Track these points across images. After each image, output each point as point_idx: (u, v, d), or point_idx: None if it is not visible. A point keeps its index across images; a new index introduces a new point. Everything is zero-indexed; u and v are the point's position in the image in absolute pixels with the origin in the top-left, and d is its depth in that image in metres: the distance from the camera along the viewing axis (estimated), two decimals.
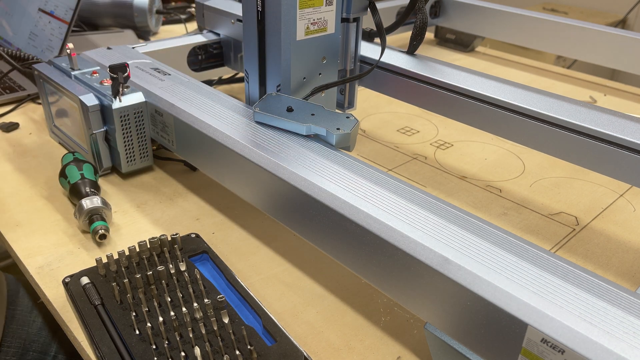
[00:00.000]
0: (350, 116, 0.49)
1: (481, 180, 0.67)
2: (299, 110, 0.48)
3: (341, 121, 0.48)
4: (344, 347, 0.43)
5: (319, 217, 0.42)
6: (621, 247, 0.55)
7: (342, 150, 0.47)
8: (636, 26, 2.08)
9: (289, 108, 0.48)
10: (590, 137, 0.47)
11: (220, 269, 0.47)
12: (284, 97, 0.50)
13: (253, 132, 0.49)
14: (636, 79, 0.96)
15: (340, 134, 0.46)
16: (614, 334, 0.29)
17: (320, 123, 0.47)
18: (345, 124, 0.47)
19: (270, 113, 0.48)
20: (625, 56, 0.85)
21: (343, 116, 0.49)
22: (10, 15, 0.97)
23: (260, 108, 0.49)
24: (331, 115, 0.48)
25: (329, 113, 0.48)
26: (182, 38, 0.82)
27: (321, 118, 0.48)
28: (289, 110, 0.48)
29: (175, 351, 0.39)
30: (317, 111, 0.48)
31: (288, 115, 0.48)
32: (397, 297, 0.39)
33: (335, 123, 0.47)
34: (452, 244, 0.36)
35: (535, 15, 0.93)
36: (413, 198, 0.41)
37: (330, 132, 0.46)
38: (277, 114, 0.48)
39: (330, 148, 0.48)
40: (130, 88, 0.60)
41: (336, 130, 0.46)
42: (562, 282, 0.32)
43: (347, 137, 0.47)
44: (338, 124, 0.47)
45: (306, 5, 0.46)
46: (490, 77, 0.55)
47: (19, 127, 0.76)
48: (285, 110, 0.48)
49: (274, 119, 0.48)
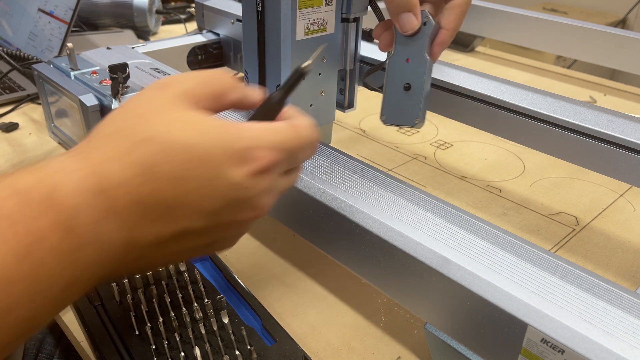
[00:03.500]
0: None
1: (481, 180, 0.67)
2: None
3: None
4: (344, 347, 0.43)
5: (319, 218, 0.42)
6: (621, 247, 0.55)
7: (341, 150, 0.47)
8: (636, 26, 2.08)
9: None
10: (590, 137, 0.47)
11: (220, 269, 0.47)
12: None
13: None
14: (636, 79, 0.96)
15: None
16: (614, 334, 0.29)
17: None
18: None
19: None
20: (625, 56, 0.85)
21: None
22: (10, 15, 0.97)
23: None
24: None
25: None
26: (181, 38, 0.82)
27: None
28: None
29: (175, 351, 0.39)
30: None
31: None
32: (397, 297, 0.39)
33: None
34: (452, 244, 0.36)
35: (535, 15, 0.93)
36: (413, 198, 0.41)
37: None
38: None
39: (330, 148, 0.48)
40: (130, 88, 0.60)
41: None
42: (562, 282, 0.32)
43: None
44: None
45: (306, 5, 0.46)
46: (490, 77, 0.55)
47: (18, 127, 0.76)
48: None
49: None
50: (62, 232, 0.25)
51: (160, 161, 0.28)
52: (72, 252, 0.26)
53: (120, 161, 0.28)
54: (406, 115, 0.46)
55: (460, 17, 0.45)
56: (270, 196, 0.32)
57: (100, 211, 0.27)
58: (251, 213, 0.31)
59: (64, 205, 0.26)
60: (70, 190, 0.26)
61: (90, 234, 0.26)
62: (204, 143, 0.28)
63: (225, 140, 0.29)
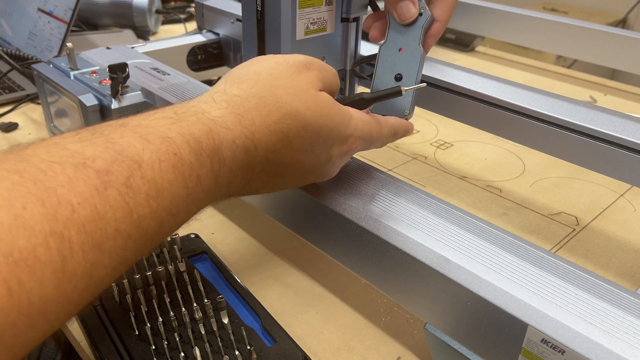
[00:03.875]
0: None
1: (481, 180, 0.67)
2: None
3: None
4: (344, 347, 0.43)
5: (319, 218, 0.42)
6: (621, 247, 0.55)
7: None
8: (636, 26, 2.08)
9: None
10: (590, 137, 0.47)
11: (220, 269, 0.47)
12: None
13: None
14: (636, 79, 0.96)
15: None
16: (614, 334, 0.29)
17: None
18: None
19: None
20: (625, 56, 0.85)
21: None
22: (10, 15, 0.97)
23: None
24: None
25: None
26: (181, 38, 0.81)
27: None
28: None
29: (174, 351, 0.39)
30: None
31: None
32: (397, 297, 0.39)
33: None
34: (452, 244, 0.35)
35: (535, 15, 0.93)
36: (413, 198, 0.40)
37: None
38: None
39: None
40: (130, 88, 0.60)
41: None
42: (562, 282, 0.32)
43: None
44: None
45: (306, 4, 0.46)
46: (490, 77, 0.55)
47: (18, 127, 0.76)
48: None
49: None
50: (212, 178, 0.31)
51: (298, 135, 0.35)
52: (213, 191, 0.32)
53: (269, 127, 0.34)
54: (395, 106, 0.46)
55: (452, 9, 0.47)
56: (338, 168, 0.41)
57: (242, 166, 0.33)
58: (319, 179, 0.40)
59: (220, 156, 0.32)
60: (228, 145, 0.32)
61: (227, 179, 0.33)
62: (331, 125, 0.36)
63: (340, 127, 0.37)
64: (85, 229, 0.24)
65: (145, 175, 0.27)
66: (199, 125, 0.31)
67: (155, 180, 0.28)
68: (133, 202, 0.26)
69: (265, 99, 0.34)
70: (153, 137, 0.29)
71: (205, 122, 0.32)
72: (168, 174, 0.28)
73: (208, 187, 0.31)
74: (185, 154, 0.29)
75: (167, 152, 0.29)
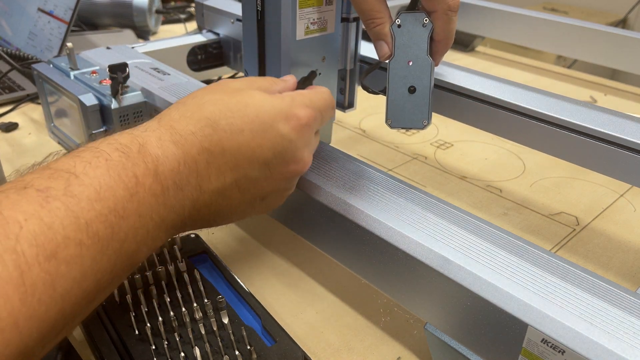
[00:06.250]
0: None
1: (481, 180, 0.67)
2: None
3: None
4: (344, 347, 0.43)
5: (319, 218, 0.42)
6: (622, 247, 0.55)
7: (341, 150, 0.47)
8: (636, 26, 2.08)
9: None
10: (591, 137, 0.47)
11: (220, 269, 0.47)
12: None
13: None
14: (636, 79, 0.95)
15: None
16: (614, 334, 0.29)
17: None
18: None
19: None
20: (625, 56, 0.85)
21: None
22: (10, 14, 0.97)
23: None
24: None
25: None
26: (181, 38, 0.81)
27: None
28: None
29: (174, 351, 0.39)
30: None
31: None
32: (397, 297, 0.39)
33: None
34: (452, 244, 0.35)
35: (535, 15, 0.93)
36: (413, 198, 0.40)
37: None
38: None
39: (330, 148, 0.48)
40: (130, 88, 0.60)
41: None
42: (562, 282, 0.32)
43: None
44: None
45: (306, 4, 0.46)
46: (490, 77, 0.55)
47: (18, 127, 0.76)
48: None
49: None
50: (152, 177, 0.31)
51: (223, 116, 0.35)
52: (160, 193, 0.32)
53: (191, 117, 0.35)
54: (413, 117, 0.46)
55: (449, 17, 0.45)
56: (309, 151, 0.39)
57: (177, 159, 0.33)
58: (296, 166, 0.37)
59: (151, 155, 0.32)
60: (154, 142, 0.33)
61: (171, 180, 0.32)
62: (257, 102, 0.36)
63: (273, 101, 0.36)
64: (37, 241, 0.25)
65: (83, 182, 0.29)
66: (125, 135, 0.33)
67: (92, 184, 0.29)
68: (77, 208, 0.28)
69: (184, 102, 0.37)
70: (84, 153, 0.31)
71: (129, 132, 0.34)
72: (105, 177, 0.29)
73: (151, 187, 0.31)
74: (116, 157, 0.31)
75: (98, 159, 0.30)
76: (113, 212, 0.29)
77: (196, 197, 0.34)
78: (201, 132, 0.34)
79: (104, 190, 0.29)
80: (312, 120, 0.38)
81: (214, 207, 0.36)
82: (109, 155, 0.31)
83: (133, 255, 0.31)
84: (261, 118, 0.35)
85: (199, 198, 0.34)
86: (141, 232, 0.31)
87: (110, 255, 0.29)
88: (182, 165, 0.33)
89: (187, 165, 0.33)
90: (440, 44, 0.44)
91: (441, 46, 0.44)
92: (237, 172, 0.35)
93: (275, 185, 0.38)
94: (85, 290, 0.28)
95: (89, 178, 0.29)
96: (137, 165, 0.31)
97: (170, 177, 0.32)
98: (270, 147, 0.35)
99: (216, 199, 0.35)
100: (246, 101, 0.36)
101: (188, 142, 0.34)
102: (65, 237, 0.26)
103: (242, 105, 0.35)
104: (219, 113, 0.35)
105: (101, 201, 0.29)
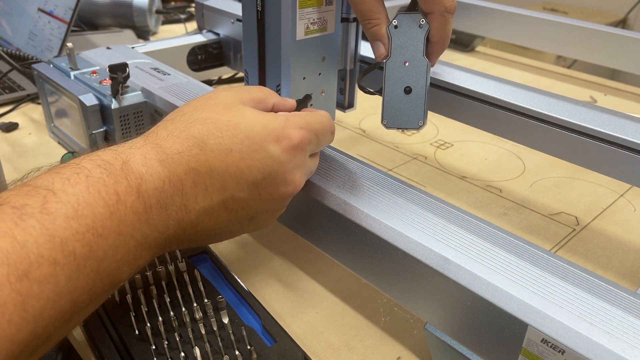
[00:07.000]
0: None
1: (481, 180, 0.67)
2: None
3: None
4: (344, 347, 0.43)
5: (319, 218, 0.42)
6: (621, 247, 0.55)
7: (341, 150, 0.47)
8: (636, 26, 2.08)
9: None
10: (590, 137, 0.47)
11: (220, 269, 0.47)
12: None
13: None
14: (636, 79, 0.95)
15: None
16: (614, 334, 0.29)
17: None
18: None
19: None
20: (625, 56, 0.85)
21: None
22: (10, 14, 0.97)
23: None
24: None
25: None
26: (181, 38, 0.82)
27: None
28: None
29: (174, 351, 0.39)
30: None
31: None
32: (397, 297, 0.39)
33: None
34: (452, 244, 0.35)
35: (535, 15, 0.93)
36: (413, 198, 0.40)
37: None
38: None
39: (330, 148, 0.48)
40: (130, 88, 0.60)
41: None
42: (562, 282, 0.32)
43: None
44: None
45: (306, 4, 0.46)
46: (490, 77, 0.55)
47: (18, 127, 0.76)
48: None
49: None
50: (135, 195, 0.31)
51: (212, 135, 0.33)
52: (143, 212, 0.31)
53: (179, 136, 0.34)
54: (409, 118, 0.46)
55: (446, 18, 0.45)
56: (302, 173, 0.37)
57: (161, 177, 0.32)
58: (285, 188, 0.36)
59: (135, 173, 0.31)
60: (139, 160, 0.32)
61: (154, 198, 0.32)
62: (248, 122, 0.34)
63: (265, 121, 0.35)
64: (8, 260, 0.25)
65: (61, 199, 0.28)
66: (108, 152, 0.32)
67: (70, 201, 0.28)
68: (53, 226, 0.27)
69: (172, 119, 0.36)
70: (64, 170, 0.30)
71: (114, 149, 0.33)
72: (84, 194, 0.29)
73: (133, 205, 0.30)
74: (97, 174, 0.30)
75: (78, 175, 0.29)
76: (91, 230, 0.28)
77: (181, 216, 0.33)
78: (188, 152, 0.33)
79: (82, 208, 0.28)
80: (306, 142, 0.36)
81: (200, 227, 0.35)
82: (89, 171, 0.30)
83: (113, 274, 0.30)
84: (251, 138, 0.34)
85: (185, 218, 0.33)
86: (122, 250, 0.30)
87: (88, 275, 0.28)
88: (166, 184, 0.32)
89: (172, 185, 0.32)
90: (436, 45, 0.44)
91: (437, 47, 0.44)
92: (224, 192, 0.34)
93: (264, 207, 0.37)
94: (59, 310, 0.27)
95: (67, 195, 0.28)
96: (119, 183, 0.30)
97: (153, 195, 0.31)
98: (260, 169, 0.34)
99: (203, 219, 0.34)
100: (237, 120, 0.34)
101: (174, 161, 0.33)
102: (39, 255, 0.26)
103: (231, 125, 0.34)
104: (207, 132, 0.34)
105: (79, 219, 0.28)
